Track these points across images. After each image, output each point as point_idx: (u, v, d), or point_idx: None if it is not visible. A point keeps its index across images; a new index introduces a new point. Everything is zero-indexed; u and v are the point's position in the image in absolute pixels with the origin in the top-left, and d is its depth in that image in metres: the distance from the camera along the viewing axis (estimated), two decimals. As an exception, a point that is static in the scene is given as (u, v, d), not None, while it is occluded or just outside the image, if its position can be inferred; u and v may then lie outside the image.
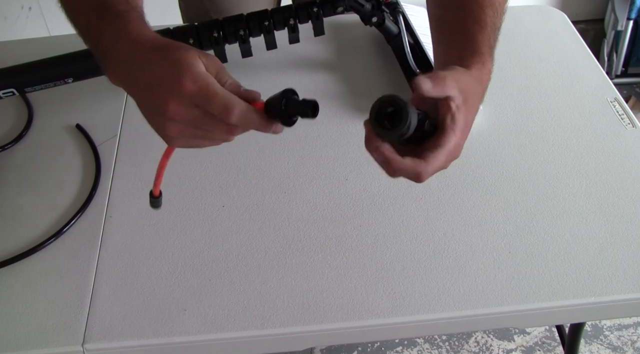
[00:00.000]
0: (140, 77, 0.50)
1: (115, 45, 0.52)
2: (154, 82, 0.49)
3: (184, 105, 0.48)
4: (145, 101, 0.51)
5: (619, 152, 0.79)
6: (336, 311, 0.64)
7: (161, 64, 0.49)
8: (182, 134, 0.51)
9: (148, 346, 0.62)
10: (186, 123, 0.49)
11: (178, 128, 0.50)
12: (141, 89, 0.51)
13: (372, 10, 0.84)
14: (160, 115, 0.49)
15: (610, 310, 0.66)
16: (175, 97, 0.48)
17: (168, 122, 0.49)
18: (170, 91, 0.48)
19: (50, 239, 0.70)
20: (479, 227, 0.71)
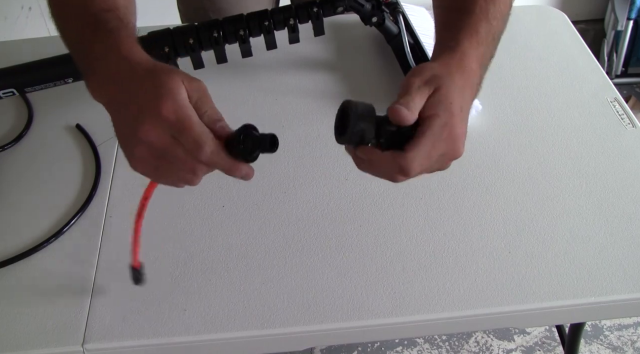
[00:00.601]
0: (123, 93, 0.50)
1: (104, 61, 0.52)
2: (134, 100, 0.49)
3: (158, 129, 0.47)
4: (121, 118, 0.51)
5: (619, 152, 0.79)
6: (336, 311, 0.64)
7: (145, 84, 0.49)
8: (148, 159, 0.50)
9: (148, 346, 0.62)
10: (154, 148, 0.48)
11: (145, 151, 0.49)
12: (121, 105, 0.50)
13: (372, 10, 0.84)
14: (132, 133, 0.49)
15: (610, 310, 0.66)
16: (151, 118, 0.47)
17: (137, 143, 0.48)
18: (148, 111, 0.47)
19: (50, 239, 0.70)
20: (479, 227, 0.71)
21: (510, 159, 0.79)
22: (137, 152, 0.49)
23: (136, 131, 0.48)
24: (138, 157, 0.50)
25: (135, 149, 0.49)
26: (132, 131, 0.48)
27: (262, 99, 0.88)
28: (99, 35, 0.53)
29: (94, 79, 0.53)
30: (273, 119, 0.85)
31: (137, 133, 0.48)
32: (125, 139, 0.50)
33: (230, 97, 0.88)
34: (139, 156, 0.49)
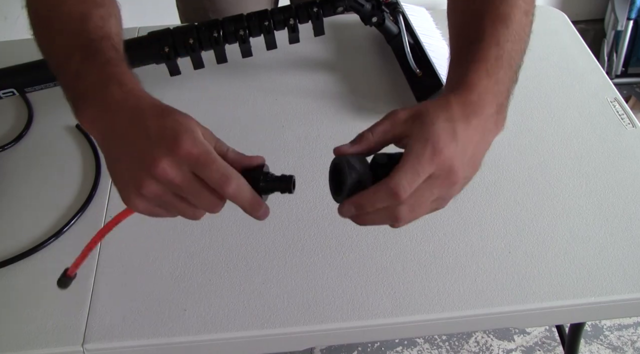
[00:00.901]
0: (129, 127, 0.47)
1: (103, 92, 0.49)
2: (144, 135, 0.46)
3: (175, 166, 0.45)
4: (125, 153, 0.47)
5: (619, 152, 0.79)
6: (336, 311, 0.64)
7: (159, 121, 0.46)
8: (158, 198, 0.47)
9: (148, 346, 0.62)
10: (172, 185, 0.46)
11: (157, 190, 0.46)
12: (125, 140, 0.47)
13: (372, 10, 0.84)
14: (141, 171, 0.46)
15: (610, 310, 0.66)
16: (169, 156, 0.45)
17: (148, 181, 0.46)
18: (166, 148, 0.45)
19: (50, 239, 0.70)
20: (479, 227, 0.71)
21: (510, 159, 0.79)
22: (146, 190, 0.46)
23: (149, 169, 0.45)
24: (146, 195, 0.46)
25: (143, 187, 0.46)
26: (142, 168, 0.45)
27: (262, 99, 0.88)
28: (95, 65, 0.51)
29: (88, 109, 0.50)
30: (273, 119, 0.85)
31: (150, 171, 0.45)
32: (129, 176, 0.47)
33: (230, 97, 0.88)
34: (147, 194, 0.46)
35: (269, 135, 0.83)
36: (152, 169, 0.45)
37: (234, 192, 0.47)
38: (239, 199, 0.48)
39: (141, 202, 0.48)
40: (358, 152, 0.50)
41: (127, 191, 0.47)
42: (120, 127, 0.48)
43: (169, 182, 0.46)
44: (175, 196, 0.47)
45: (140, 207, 0.48)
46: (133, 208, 0.48)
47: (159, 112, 0.47)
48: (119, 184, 0.48)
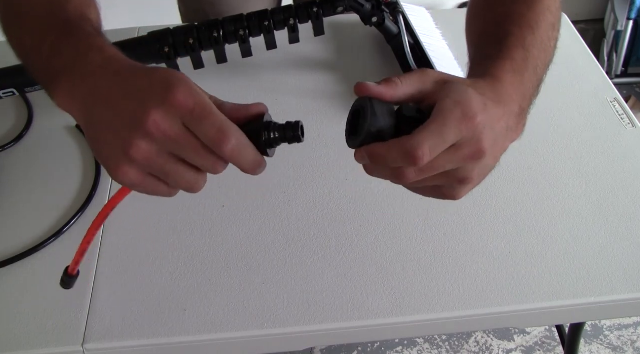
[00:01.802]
0: (115, 87, 0.42)
1: (84, 59, 0.45)
2: (134, 91, 0.41)
3: (169, 118, 0.40)
4: (111, 115, 0.42)
5: (619, 152, 0.79)
6: (336, 311, 0.64)
7: (148, 76, 0.42)
8: (151, 161, 0.41)
9: (148, 346, 0.62)
10: (163, 144, 0.41)
11: (149, 150, 0.41)
12: (111, 101, 0.42)
13: (372, 10, 0.84)
14: (130, 130, 0.40)
15: (610, 310, 0.66)
16: (161, 107, 0.40)
17: (139, 140, 0.40)
18: (157, 99, 0.40)
19: (50, 239, 0.70)
20: (479, 227, 0.71)
21: (510, 159, 0.79)
22: (137, 152, 0.40)
23: (139, 123, 0.40)
24: (137, 159, 0.41)
25: (133, 148, 0.40)
26: (131, 126, 0.40)
27: (262, 99, 0.87)
28: (73, 40, 0.46)
29: (65, 82, 0.45)
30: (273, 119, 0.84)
31: (141, 125, 0.40)
32: (116, 141, 0.41)
33: (231, 97, 0.87)
34: (138, 158, 0.41)
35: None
36: (143, 123, 0.40)
37: (233, 151, 0.42)
38: (238, 160, 0.43)
39: (132, 170, 0.42)
40: (381, 94, 0.45)
41: (115, 160, 0.42)
42: (104, 89, 0.43)
43: (162, 136, 0.40)
44: (170, 157, 0.42)
45: (132, 177, 0.42)
46: (123, 180, 0.42)
47: (147, 70, 0.43)
48: (106, 153, 0.42)
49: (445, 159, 0.44)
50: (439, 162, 0.44)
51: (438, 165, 0.44)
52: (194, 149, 0.41)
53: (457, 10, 1.14)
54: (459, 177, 0.46)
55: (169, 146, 0.41)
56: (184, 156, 0.42)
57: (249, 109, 0.45)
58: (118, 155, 0.41)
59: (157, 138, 0.40)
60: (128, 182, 0.42)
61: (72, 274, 0.56)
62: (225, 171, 0.78)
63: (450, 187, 0.48)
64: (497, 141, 0.46)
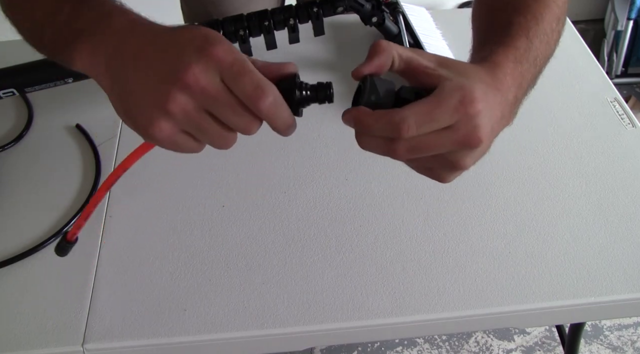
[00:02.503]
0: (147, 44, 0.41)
1: (105, 20, 0.44)
2: (170, 47, 0.40)
3: (208, 72, 0.39)
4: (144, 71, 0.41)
5: (619, 152, 0.79)
6: (336, 311, 0.64)
7: (184, 32, 0.41)
8: (186, 115, 0.40)
9: (148, 346, 0.62)
10: (200, 99, 0.40)
11: (186, 104, 0.40)
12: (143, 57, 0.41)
13: (372, 10, 0.84)
14: (168, 83, 0.39)
15: (610, 310, 0.66)
16: (201, 61, 0.39)
17: (177, 94, 0.39)
18: (196, 54, 0.39)
19: (50, 239, 0.70)
20: (479, 227, 0.71)
21: (510, 159, 0.79)
22: (173, 106, 0.39)
23: (178, 76, 0.39)
24: (173, 112, 0.40)
25: (170, 102, 0.39)
26: (169, 79, 0.39)
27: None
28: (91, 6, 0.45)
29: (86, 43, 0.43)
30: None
31: (180, 78, 0.39)
32: (151, 96, 0.40)
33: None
34: (174, 111, 0.40)
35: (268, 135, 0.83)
36: (182, 77, 0.39)
37: (270, 108, 0.41)
38: (274, 117, 0.42)
39: (167, 125, 0.40)
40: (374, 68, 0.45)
41: (149, 116, 0.40)
42: (134, 46, 0.41)
43: (201, 91, 0.39)
44: (205, 114, 0.41)
45: (165, 132, 0.41)
46: (157, 135, 0.41)
47: (181, 27, 0.42)
48: (137, 110, 0.41)
49: (439, 140, 0.43)
50: (432, 142, 0.43)
51: (430, 145, 0.43)
52: (230, 105, 0.41)
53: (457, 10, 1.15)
54: (452, 161, 0.45)
55: (206, 101, 0.40)
56: (220, 113, 0.41)
57: (282, 67, 0.44)
58: (152, 110, 0.40)
59: (195, 92, 0.39)
60: (160, 138, 0.41)
61: (70, 240, 0.53)
62: (225, 171, 0.78)
63: (442, 170, 0.47)
64: (493, 128, 0.46)
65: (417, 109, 0.41)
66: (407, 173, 0.77)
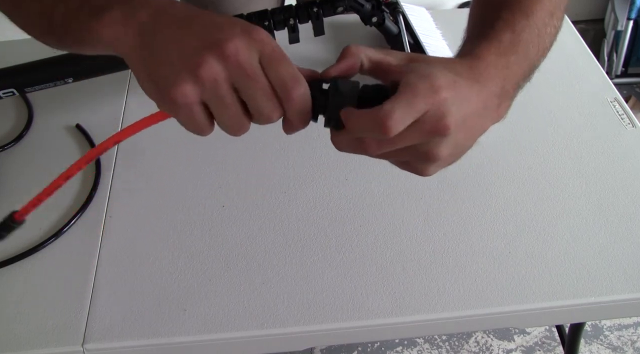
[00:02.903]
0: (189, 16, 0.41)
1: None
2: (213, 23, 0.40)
3: (249, 49, 0.39)
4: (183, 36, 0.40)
5: (619, 152, 0.79)
6: (336, 311, 0.64)
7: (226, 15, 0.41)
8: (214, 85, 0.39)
9: (148, 346, 0.62)
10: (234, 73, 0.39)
11: (217, 73, 0.39)
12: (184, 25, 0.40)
13: (372, 10, 0.84)
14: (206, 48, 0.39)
15: (610, 310, 0.66)
16: (244, 37, 0.39)
17: (212, 60, 0.39)
18: (240, 31, 0.39)
19: (50, 239, 0.70)
20: (479, 227, 0.71)
21: (510, 159, 0.79)
22: (205, 70, 0.39)
23: (219, 44, 0.39)
24: (202, 77, 0.39)
25: (203, 66, 0.39)
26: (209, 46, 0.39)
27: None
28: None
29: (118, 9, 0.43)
30: (273, 119, 0.85)
31: (220, 47, 0.39)
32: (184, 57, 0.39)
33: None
34: (204, 77, 0.39)
35: (269, 135, 0.83)
36: (223, 45, 0.39)
37: (300, 99, 0.41)
38: (298, 110, 0.42)
39: (192, 90, 0.39)
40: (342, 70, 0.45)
41: (176, 75, 0.39)
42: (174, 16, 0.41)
43: (237, 65, 0.39)
44: (232, 90, 0.40)
45: (188, 97, 0.40)
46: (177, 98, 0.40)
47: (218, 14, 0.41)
48: (166, 71, 0.40)
49: (407, 132, 0.42)
50: (404, 136, 0.43)
51: (400, 138, 0.43)
52: (261, 87, 0.40)
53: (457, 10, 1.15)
54: (423, 152, 0.45)
55: (239, 76, 0.40)
56: (248, 92, 0.41)
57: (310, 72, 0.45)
58: (182, 71, 0.39)
59: (232, 63, 0.39)
60: (181, 102, 0.40)
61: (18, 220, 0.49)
62: (225, 171, 0.78)
63: (418, 163, 0.47)
64: (467, 119, 0.45)
65: (397, 103, 0.41)
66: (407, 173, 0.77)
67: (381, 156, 0.46)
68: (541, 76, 0.91)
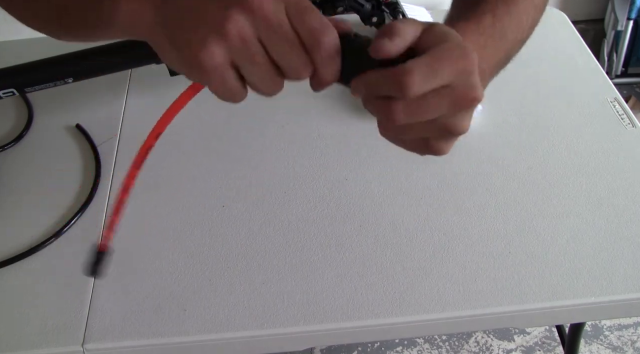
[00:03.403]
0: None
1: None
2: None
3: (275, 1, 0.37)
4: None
5: (619, 152, 0.79)
6: (336, 311, 0.64)
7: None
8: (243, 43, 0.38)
9: (148, 346, 0.62)
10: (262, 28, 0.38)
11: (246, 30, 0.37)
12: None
13: (372, 10, 0.84)
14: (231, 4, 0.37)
15: (610, 310, 0.66)
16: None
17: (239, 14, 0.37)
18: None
19: (50, 239, 0.70)
20: (479, 227, 0.71)
21: (510, 159, 0.79)
22: (233, 27, 0.37)
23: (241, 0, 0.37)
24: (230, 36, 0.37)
25: (230, 23, 0.37)
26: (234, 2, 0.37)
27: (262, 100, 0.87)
28: None
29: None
30: (273, 119, 0.85)
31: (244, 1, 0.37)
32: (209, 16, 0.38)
33: (230, 97, 0.88)
34: (232, 34, 0.37)
35: (269, 135, 0.83)
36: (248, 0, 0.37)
37: (331, 46, 0.38)
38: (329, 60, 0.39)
39: (219, 50, 0.38)
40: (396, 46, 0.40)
41: (203, 38, 0.38)
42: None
43: (264, 18, 0.37)
44: (261, 46, 0.39)
45: (217, 58, 0.38)
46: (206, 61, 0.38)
47: None
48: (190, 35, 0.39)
49: (438, 100, 0.40)
50: (431, 103, 0.40)
51: (429, 107, 0.40)
52: (290, 40, 0.38)
53: (457, 10, 1.14)
54: (449, 125, 0.42)
55: (267, 30, 0.38)
56: (277, 47, 0.39)
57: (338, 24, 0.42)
58: (208, 30, 0.38)
59: (258, 17, 0.37)
60: (211, 65, 0.38)
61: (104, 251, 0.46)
62: (225, 171, 0.78)
63: (439, 138, 0.44)
64: None
65: (419, 63, 0.38)
66: (407, 173, 0.77)
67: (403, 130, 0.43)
68: (541, 76, 0.91)
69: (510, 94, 0.88)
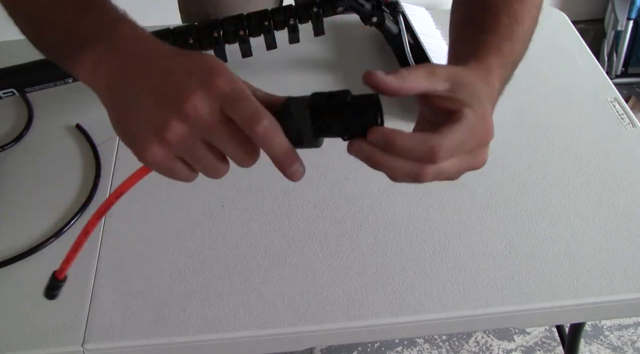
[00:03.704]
0: (151, 65, 0.42)
1: (113, 30, 0.44)
2: (172, 72, 0.41)
3: (207, 103, 0.39)
4: (145, 93, 0.41)
5: (619, 152, 0.79)
6: (336, 311, 0.64)
7: (188, 58, 0.42)
8: (183, 143, 0.41)
9: (148, 346, 0.62)
10: (198, 128, 0.40)
11: (183, 133, 0.40)
12: (146, 79, 0.42)
13: (372, 10, 0.84)
14: (167, 110, 0.40)
15: (610, 310, 0.66)
16: (201, 91, 0.39)
17: (175, 122, 0.40)
18: (198, 82, 0.40)
19: (50, 239, 0.70)
20: (479, 227, 0.71)
21: (510, 159, 0.79)
22: (171, 133, 0.40)
23: (178, 105, 0.39)
24: (169, 140, 0.40)
25: (168, 130, 0.40)
26: (168, 106, 0.40)
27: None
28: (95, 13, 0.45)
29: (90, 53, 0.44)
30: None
31: (180, 107, 0.39)
32: (149, 119, 0.41)
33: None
34: (171, 138, 0.40)
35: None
36: (182, 106, 0.39)
37: (266, 132, 0.40)
38: (270, 143, 0.41)
39: (161, 151, 0.41)
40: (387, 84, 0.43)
41: (145, 139, 0.41)
42: (138, 66, 0.42)
43: (200, 121, 0.40)
44: (201, 143, 0.42)
45: (159, 157, 0.41)
46: (150, 160, 0.42)
47: (185, 51, 0.42)
48: (134, 131, 0.42)
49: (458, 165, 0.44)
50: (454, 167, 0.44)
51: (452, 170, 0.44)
52: (229, 135, 0.41)
53: (457, 10, 1.14)
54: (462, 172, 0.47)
55: (204, 130, 0.41)
56: (218, 143, 0.42)
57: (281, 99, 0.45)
58: (149, 134, 0.41)
59: (193, 121, 0.40)
60: (154, 162, 0.42)
61: (60, 280, 0.50)
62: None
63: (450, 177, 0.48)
64: None
65: (451, 134, 0.42)
66: (407, 173, 0.77)
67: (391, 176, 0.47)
68: (541, 76, 0.91)
69: (511, 93, 0.88)
